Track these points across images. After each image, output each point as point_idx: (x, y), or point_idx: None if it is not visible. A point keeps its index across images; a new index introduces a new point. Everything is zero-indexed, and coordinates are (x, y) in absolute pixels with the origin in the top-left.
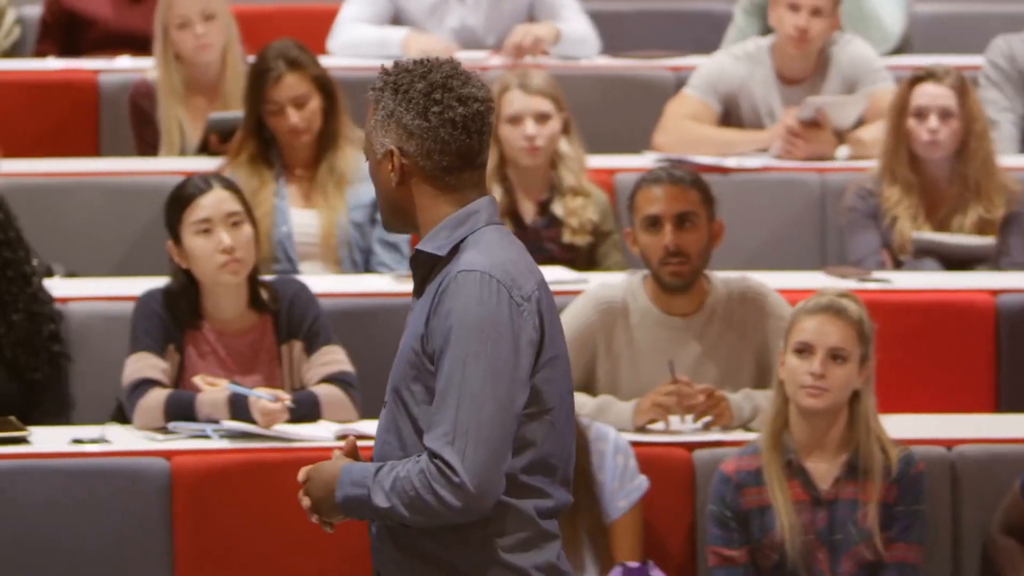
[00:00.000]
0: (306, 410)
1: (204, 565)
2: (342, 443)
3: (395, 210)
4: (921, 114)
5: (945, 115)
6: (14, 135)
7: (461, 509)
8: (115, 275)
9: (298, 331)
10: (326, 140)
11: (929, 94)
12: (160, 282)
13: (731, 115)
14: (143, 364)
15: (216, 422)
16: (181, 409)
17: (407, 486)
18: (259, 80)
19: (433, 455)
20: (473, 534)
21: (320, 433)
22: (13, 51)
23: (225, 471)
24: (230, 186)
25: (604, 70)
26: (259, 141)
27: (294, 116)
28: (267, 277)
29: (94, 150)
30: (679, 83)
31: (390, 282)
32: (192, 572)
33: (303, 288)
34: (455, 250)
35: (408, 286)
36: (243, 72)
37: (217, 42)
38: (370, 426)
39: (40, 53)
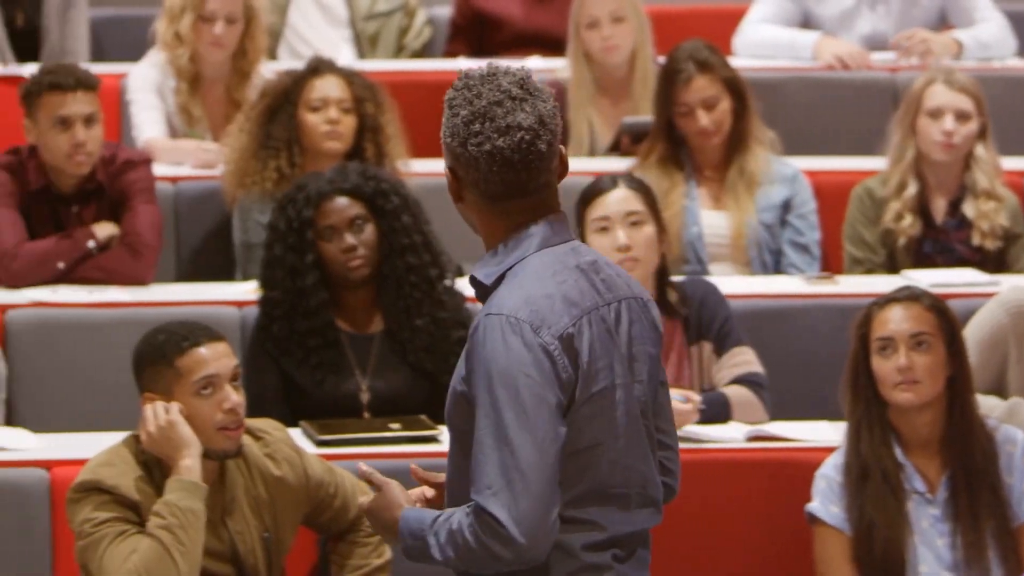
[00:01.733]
0: (716, 411)
1: None
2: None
3: (466, 220)
4: None
5: None
6: (425, 136)
7: (514, 561)
8: None
9: (708, 332)
10: (736, 141)
11: None
12: None
13: None
14: None
15: None
16: None
17: (459, 539)
18: (669, 82)
19: (481, 509)
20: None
21: (730, 434)
22: (424, 52)
23: None
24: (637, 186)
25: (1016, 71)
26: (669, 142)
27: (704, 118)
28: (677, 278)
29: None
30: None
31: (800, 283)
32: None
33: (713, 289)
34: (502, 278)
35: (818, 287)
36: (653, 73)
37: (625, 44)
38: (780, 428)
39: (450, 53)
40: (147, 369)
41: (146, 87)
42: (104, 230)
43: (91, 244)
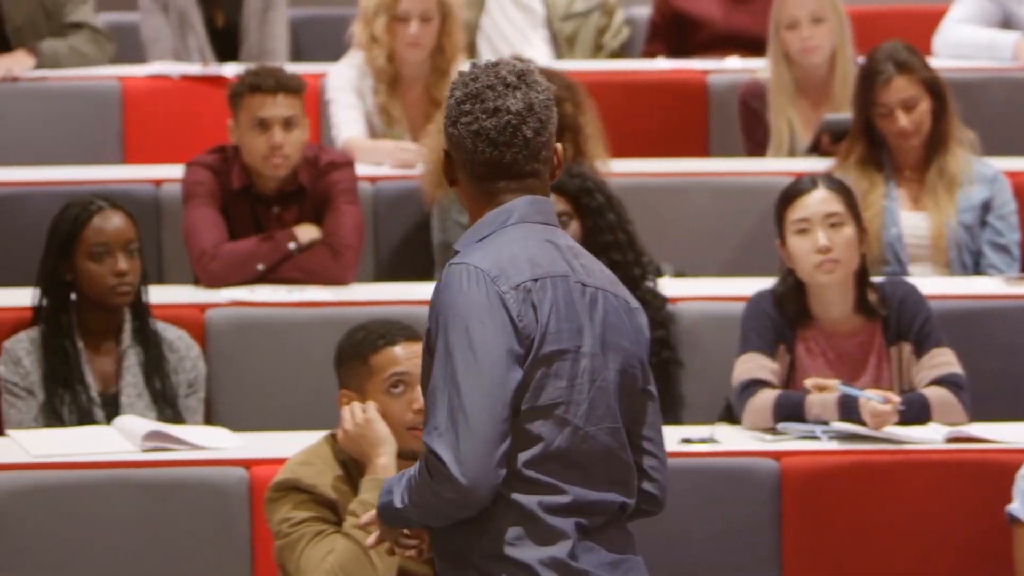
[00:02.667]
0: (915, 412)
1: (812, 566)
2: None
3: (463, 205)
4: None
5: None
6: (624, 135)
7: (457, 501)
8: (723, 275)
9: (907, 333)
10: (935, 142)
11: None
12: (769, 282)
13: None
14: (753, 364)
15: (825, 423)
16: (790, 410)
17: (413, 483)
18: (868, 82)
19: (428, 450)
20: (475, 526)
21: (929, 435)
22: (622, 51)
23: (834, 472)
24: (837, 187)
25: None
26: (869, 143)
27: (903, 119)
28: (876, 279)
29: (703, 150)
30: None
31: (1000, 284)
32: (800, 573)
33: (913, 290)
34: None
35: (1018, 288)
36: (853, 74)
37: (825, 45)
38: (979, 429)
39: (649, 54)
40: (344, 365)
41: (345, 87)
42: (306, 233)
43: (292, 246)
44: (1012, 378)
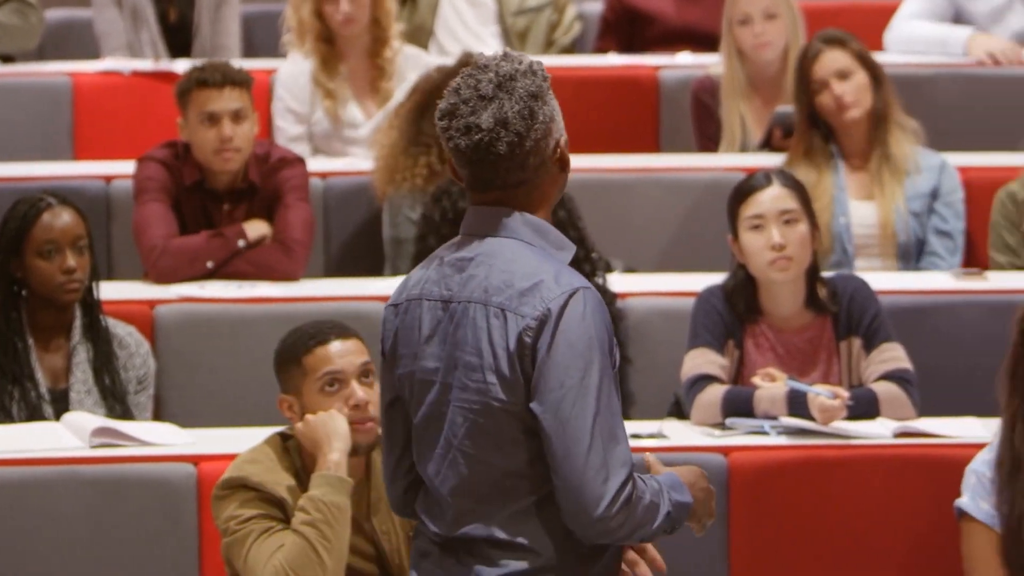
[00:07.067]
0: (864, 408)
1: (761, 562)
2: None
3: None
4: None
5: None
6: (575, 131)
7: None
8: (673, 271)
9: (857, 328)
10: (877, 121)
11: None
12: (719, 278)
13: None
14: (702, 360)
15: (774, 418)
16: (739, 405)
17: None
18: (804, 67)
19: None
20: None
21: (878, 431)
22: (573, 47)
23: (782, 468)
24: (791, 184)
25: None
26: (816, 131)
27: (838, 86)
28: (827, 274)
29: (654, 146)
30: None
31: (948, 279)
32: (748, 568)
33: (863, 285)
34: None
35: (968, 283)
36: None
37: (777, 41)
38: (928, 424)
39: (600, 49)
40: (281, 370)
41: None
42: (255, 229)
43: (241, 243)
44: (960, 373)
